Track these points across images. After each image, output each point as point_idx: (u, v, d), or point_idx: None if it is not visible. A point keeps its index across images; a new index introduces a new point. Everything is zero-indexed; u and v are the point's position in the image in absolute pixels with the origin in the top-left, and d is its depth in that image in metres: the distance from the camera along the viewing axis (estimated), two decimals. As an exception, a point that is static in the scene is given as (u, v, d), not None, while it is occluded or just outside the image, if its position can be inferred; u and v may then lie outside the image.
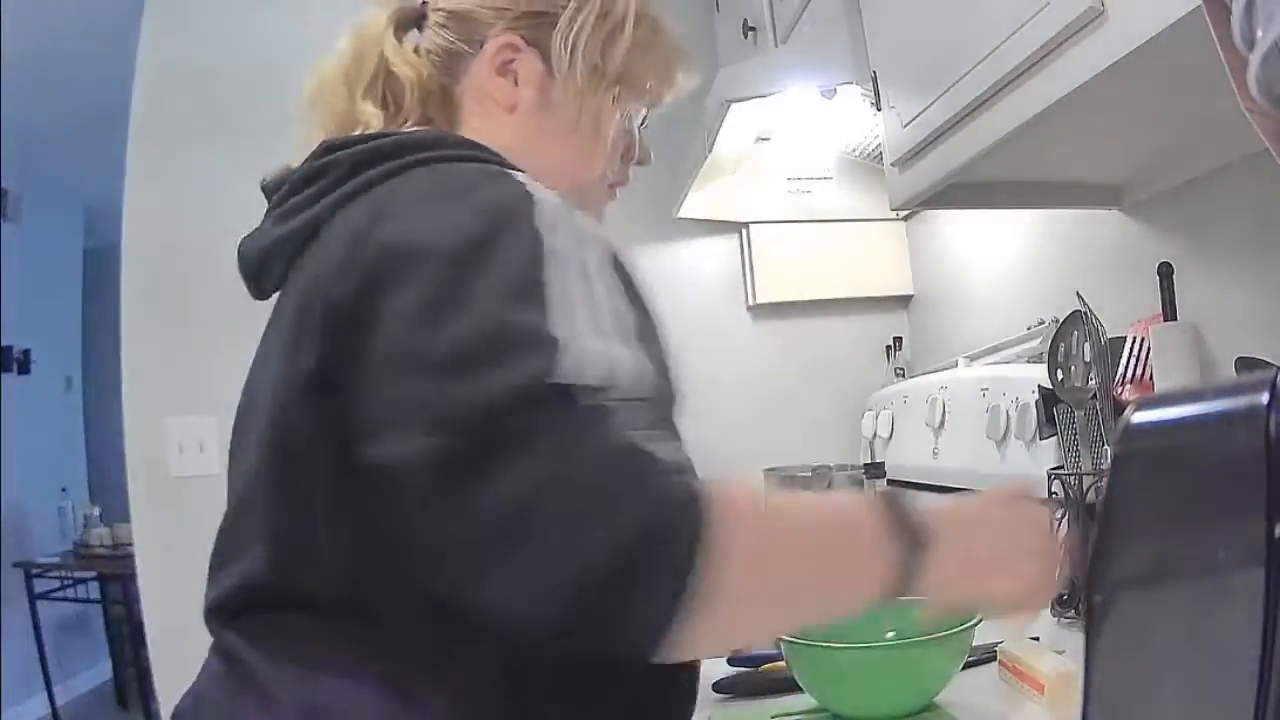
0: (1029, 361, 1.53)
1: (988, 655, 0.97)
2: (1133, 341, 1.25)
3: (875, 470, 1.76)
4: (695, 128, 1.79)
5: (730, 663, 1.08)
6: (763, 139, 1.99)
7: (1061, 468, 1.17)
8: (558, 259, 0.63)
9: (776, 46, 1.82)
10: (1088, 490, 1.10)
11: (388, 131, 0.76)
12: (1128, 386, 1.23)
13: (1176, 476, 0.42)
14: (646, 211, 2.21)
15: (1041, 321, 1.56)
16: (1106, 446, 1.11)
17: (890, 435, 1.92)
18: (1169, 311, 1.22)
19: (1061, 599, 1.13)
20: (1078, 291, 1.20)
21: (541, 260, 0.62)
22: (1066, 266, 1.55)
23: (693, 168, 1.90)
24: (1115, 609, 0.44)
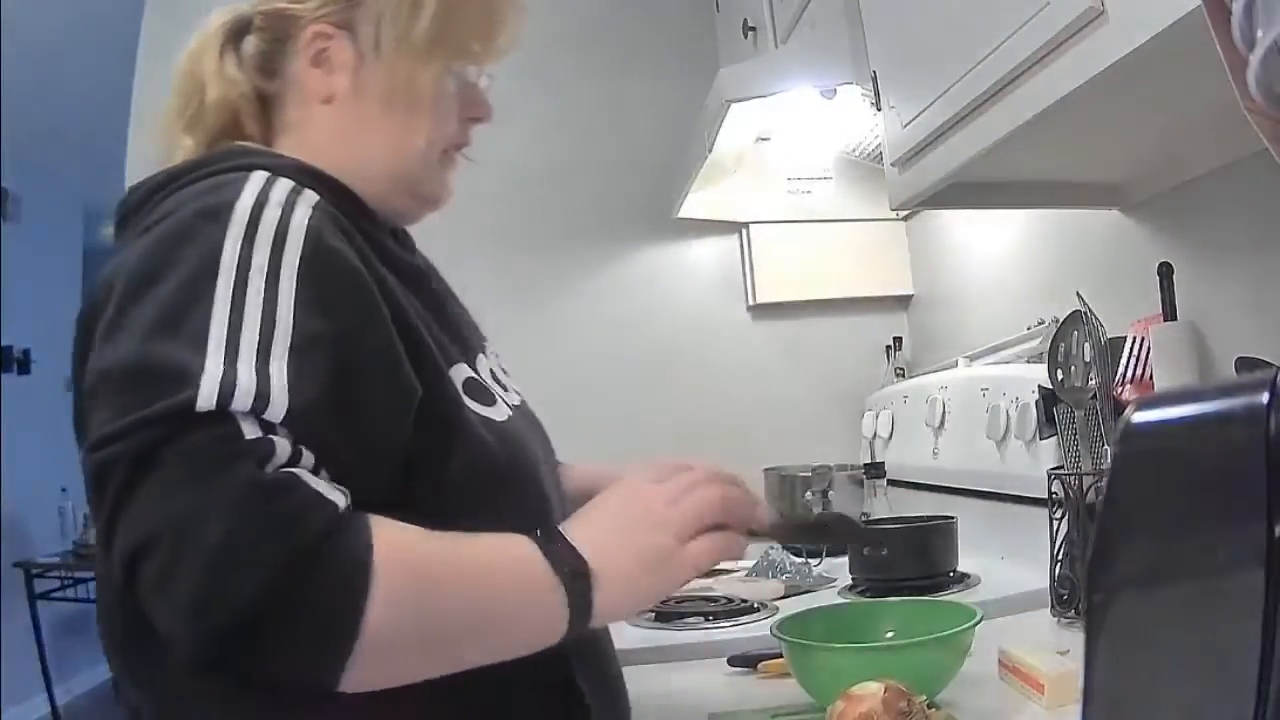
0: (1029, 361, 1.53)
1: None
2: (1133, 341, 1.25)
3: (875, 470, 1.76)
4: (695, 128, 1.79)
5: (730, 662, 1.08)
6: (763, 139, 1.99)
7: (1061, 468, 1.17)
8: (229, 274, 0.62)
9: (776, 46, 1.82)
10: (1088, 490, 1.10)
11: (170, 168, 0.77)
12: (1128, 386, 1.23)
13: (1176, 476, 0.42)
14: (646, 211, 2.21)
15: (1041, 321, 1.56)
16: (1106, 446, 1.11)
17: (890, 435, 1.92)
18: (1169, 311, 1.22)
19: (1061, 599, 1.13)
20: (1078, 291, 1.20)
21: (205, 280, 0.62)
22: (1066, 266, 1.55)
23: (693, 168, 1.90)
24: (1115, 609, 0.44)
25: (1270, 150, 0.48)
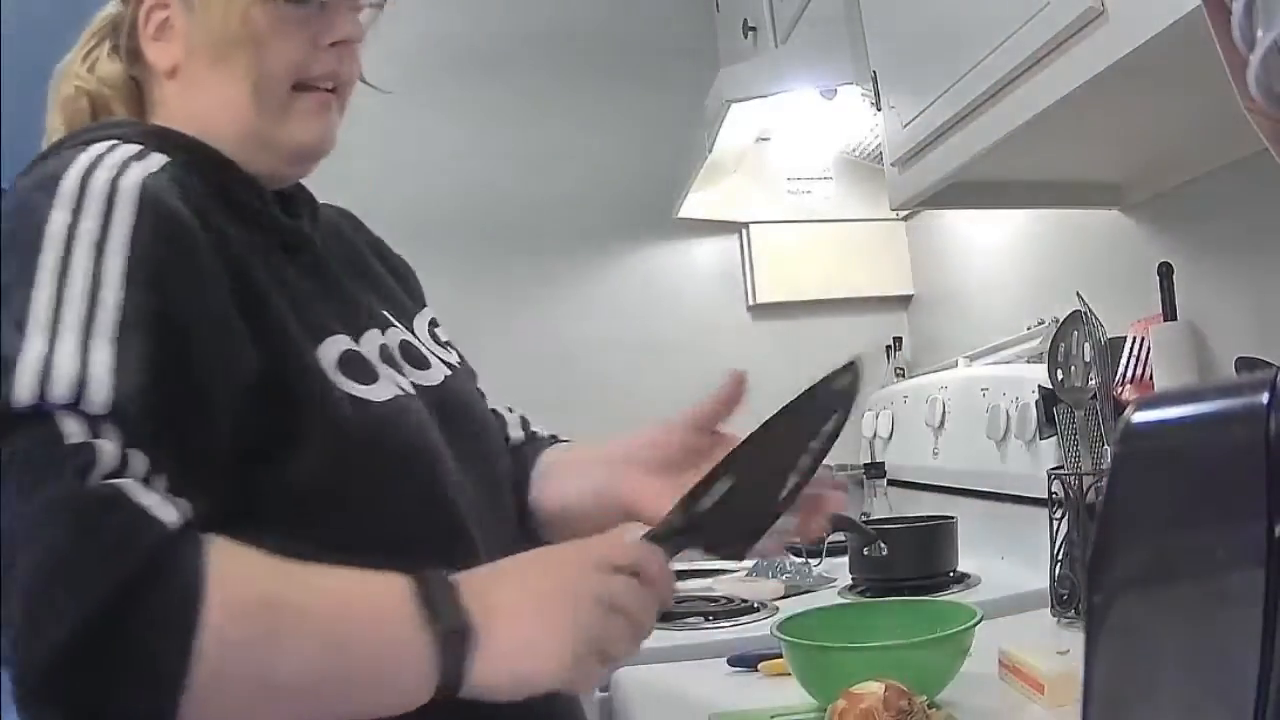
0: (1029, 361, 1.53)
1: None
2: (1133, 341, 1.25)
3: (875, 470, 1.76)
4: (695, 128, 1.79)
5: (730, 662, 1.08)
6: (763, 139, 1.99)
7: (1061, 468, 1.17)
8: (55, 246, 0.58)
9: (776, 46, 1.82)
10: (1088, 490, 1.10)
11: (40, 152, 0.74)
12: (1128, 386, 1.23)
13: (1176, 476, 0.42)
14: (646, 211, 2.21)
15: (1041, 321, 1.56)
16: (1106, 446, 1.11)
17: (890, 435, 1.92)
18: (1169, 311, 1.22)
19: (1061, 599, 1.13)
20: (1078, 291, 1.20)
21: (29, 254, 0.58)
22: (1066, 266, 1.55)
23: (693, 168, 1.90)
24: (1115, 609, 0.44)
25: (1270, 150, 0.48)
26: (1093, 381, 1.14)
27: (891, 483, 1.79)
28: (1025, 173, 1.31)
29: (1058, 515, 1.14)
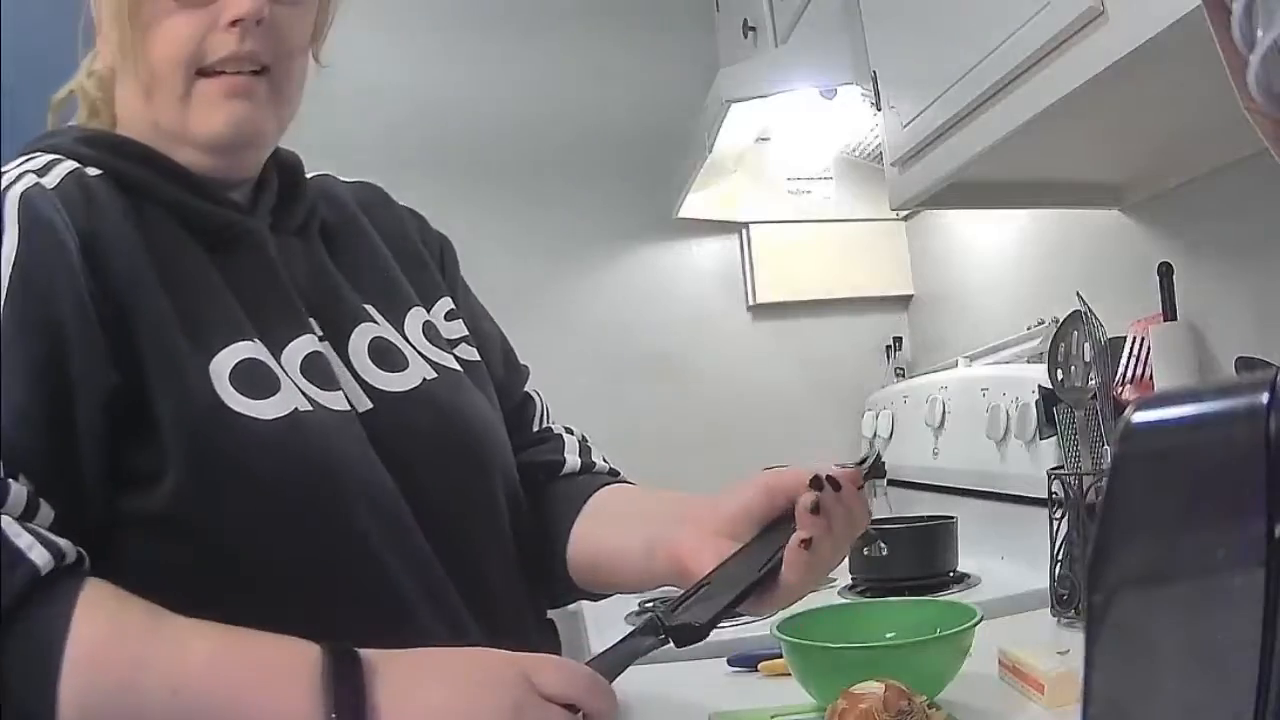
0: (1029, 361, 1.53)
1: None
2: (1133, 341, 1.25)
3: (875, 470, 1.76)
4: (695, 128, 1.79)
5: (730, 662, 1.08)
6: (763, 139, 1.99)
7: (1061, 468, 1.17)
8: None
9: (776, 46, 1.82)
10: (1088, 490, 1.10)
11: None
12: (1128, 386, 1.23)
13: (1176, 476, 0.42)
14: (646, 211, 2.21)
15: (1041, 321, 1.56)
16: (1106, 446, 1.11)
17: (890, 435, 1.92)
18: (1169, 311, 1.22)
19: (1061, 599, 1.13)
20: (1078, 291, 1.20)
21: None
22: (1066, 266, 1.55)
23: (693, 168, 1.90)
24: (1115, 609, 0.44)
25: (1270, 150, 0.48)
26: (1093, 381, 1.14)
27: (891, 483, 1.79)
28: (1025, 173, 1.31)
29: (1058, 515, 1.14)
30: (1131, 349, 1.25)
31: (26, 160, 0.68)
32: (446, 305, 0.86)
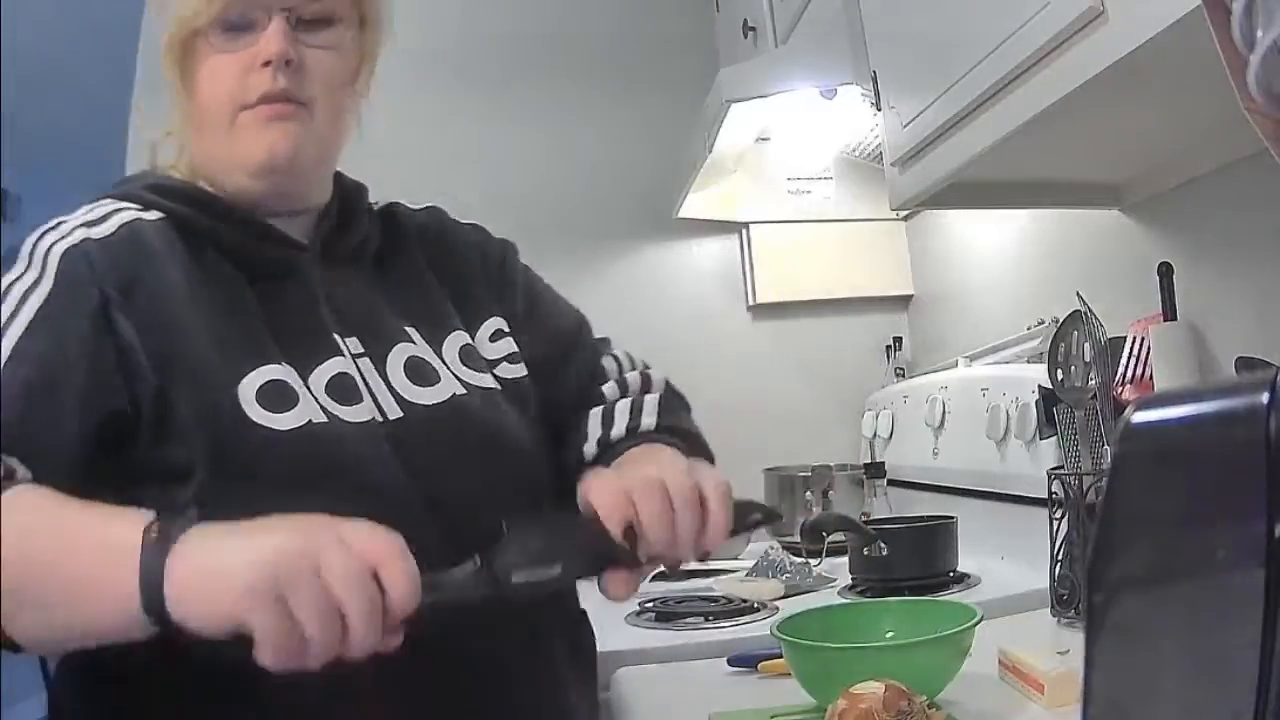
0: (1029, 361, 1.53)
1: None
2: (1133, 341, 1.25)
3: (875, 470, 1.76)
4: (695, 128, 1.79)
5: (730, 662, 1.08)
6: (763, 139, 1.99)
7: (1061, 468, 1.17)
8: None
9: (776, 46, 1.82)
10: (1088, 490, 1.10)
11: None
12: (1128, 386, 1.23)
13: (1176, 476, 0.43)
14: (646, 211, 2.21)
15: (1041, 321, 1.56)
16: (1106, 446, 1.11)
17: (890, 435, 1.92)
18: (1169, 311, 1.22)
19: (1061, 599, 1.13)
20: (1078, 291, 1.20)
21: None
22: (1066, 266, 1.55)
23: (692, 168, 1.90)
24: (1115, 609, 0.44)
25: (1270, 150, 0.48)
26: (1093, 381, 1.14)
27: (891, 483, 1.79)
28: (1025, 173, 1.31)
29: (1058, 515, 1.14)
30: (1131, 349, 1.25)
31: (91, 210, 0.81)
32: (493, 326, 0.93)
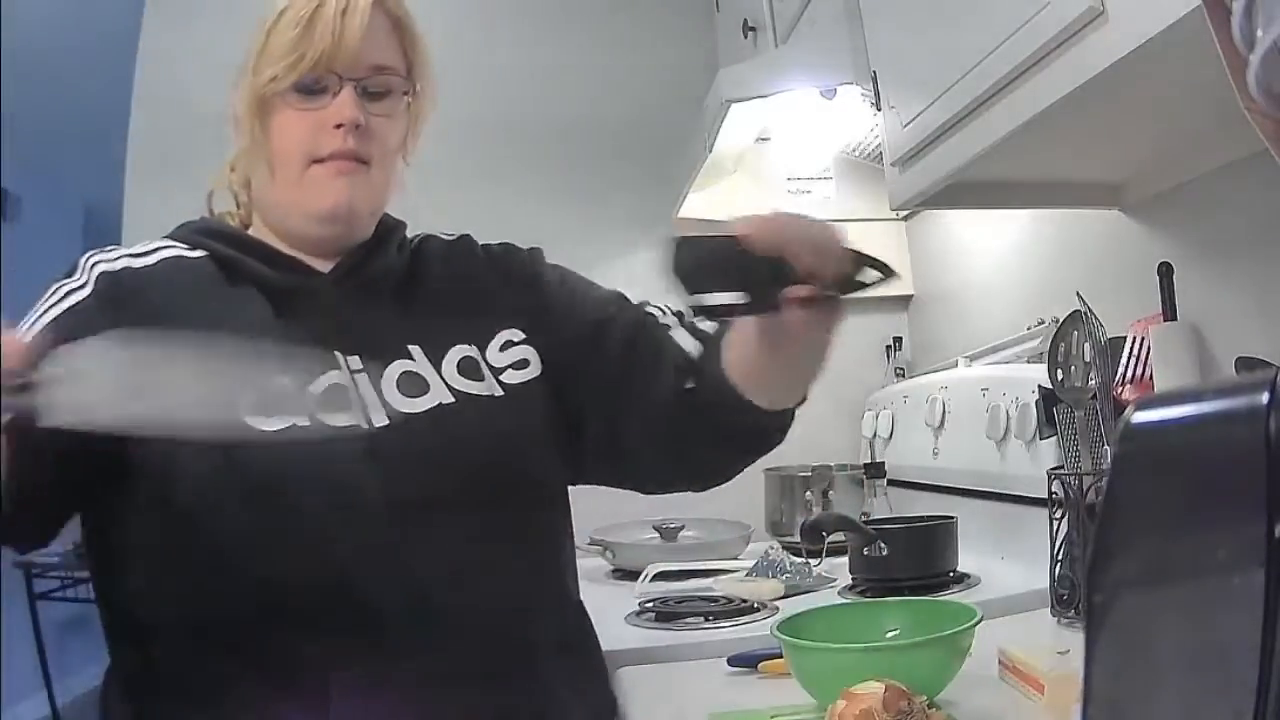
0: (1029, 361, 1.53)
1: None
2: (1133, 341, 1.25)
3: (875, 470, 1.76)
4: (695, 128, 1.79)
5: (730, 662, 1.08)
6: (763, 139, 1.99)
7: (1061, 468, 1.17)
8: (41, 298, 0.89)
9: (776, 46, 1.82)
10: (1088, 490, 1.10)
11: None
12: (1128, 386, 1.23)
13: (1176, 476, 0.42)
14: (647, 211, 2.21)
15: (1041, 321, 1.56)
16: (1106, 446, 1.11)
17: (890, 435, 1.92)
18: (1169, 311, 1.22)
19: (1061, 599, 1.13)
20: (1078, 291, 1.20)
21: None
22: (1066, 266, 1.55)
23: (693, 168, 1.90)
24: (1115, 609, 0.44)
25: (1270, 150, 0.48)
26: (1093, 381, 1.14)
27: (891, 483, 1.79)
28: (1025, 173, 1.31)
29: (1058, 515, 1.14)
30: (1131, 349, 1.25)
31: (143, 245, 0.95)
32: (505, 337, 1.00)
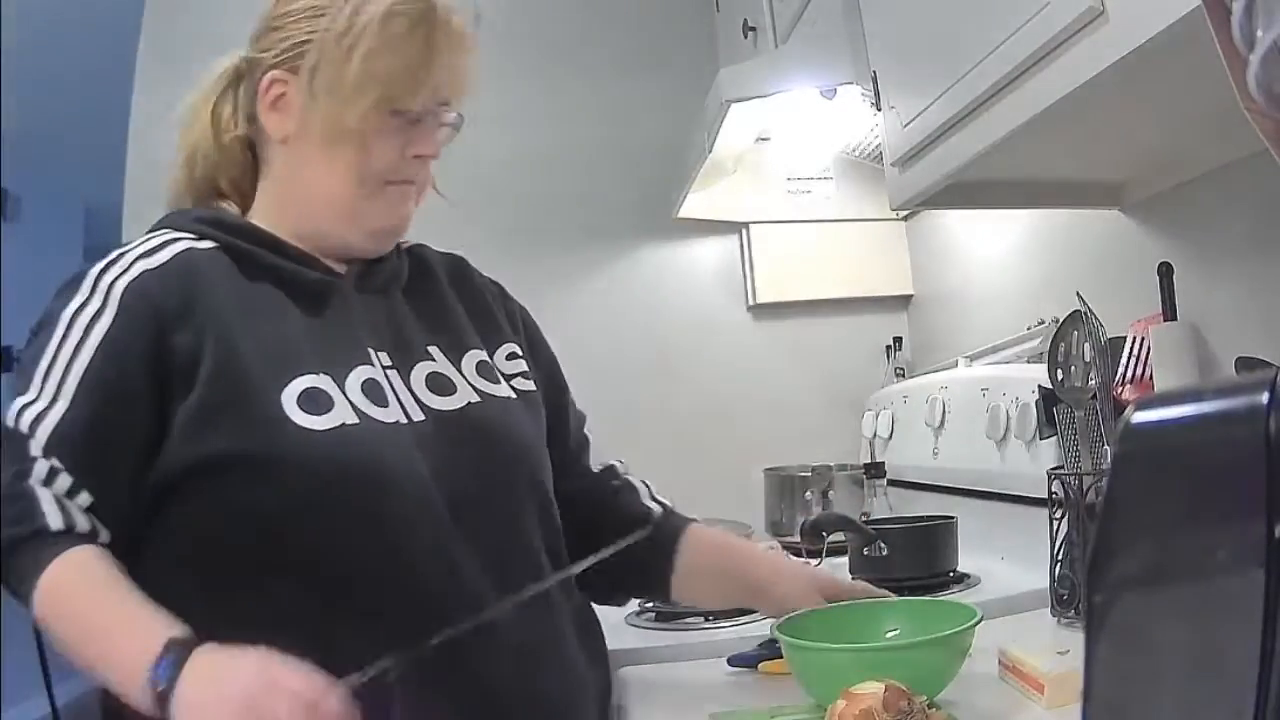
0: (1029, 361, 1.53)
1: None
2: (1133, 341, 1.25)
3: (875, 470, 1.76)
4: (695, 128, 1.79)
5: (730, 662, 1.08)
6: (763, 139, 1.99)
7: (1061, 468, 1.17)
8: (53, 328, 0.84)
9: (776, 46, 1.82)
10: (1088, 490, 1.10)
11: None
12: (1128, 386, 1.23)
13: (1176, 476, 0.42)
14: (646, 211, 2.21)
15: (1041, 321, 1.56)
16: (1106, 446, 1.11)
17: (890, 435, 1.92)
18: (1169, 311, 1.22)
19: (1061, 599, 1.13)
20: (1078, 291, 1.20)
21: (43, 333, 0.84)
22: (1066, 266, 1.55)
23: (693, 168, 1.90)
24: (1115, 609, 0.44)
25: (1270, 150, 0.48)
26: (1093, 381, 1.14)
27: (891, 483, 1.79)
28: (1025, 173, 1.31)
29: (1058, 515, 1.14)
30: (1131, 349, 1.25)
31: (147, 240, 0.91)
32: (509, 349, 1.04)
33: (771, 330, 2.27)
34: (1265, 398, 0.38)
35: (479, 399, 0.95)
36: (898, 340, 2.22)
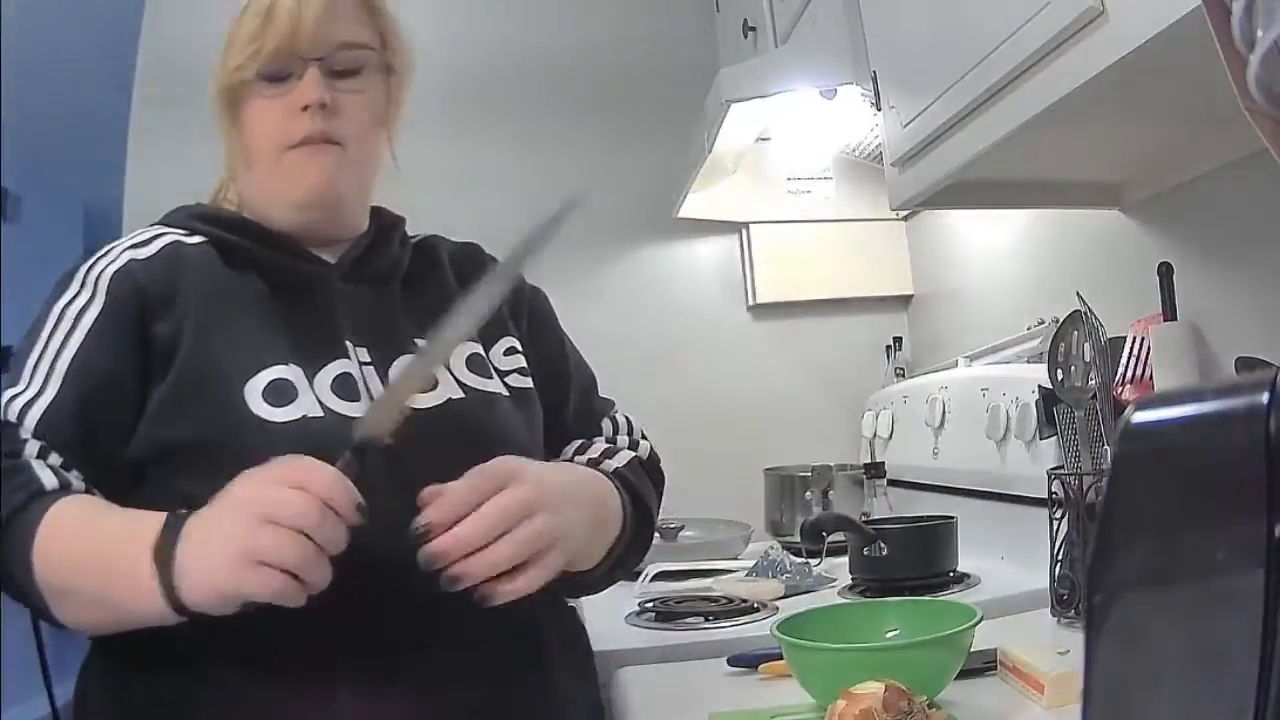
0: (1029, 361, 1.53)
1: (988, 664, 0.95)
2: (1133, 341, 1.25)
3: (875, 470, 1.76)
4: (695, 128, 1.79)
5: (730, 662, 1.08)
6: (763, 139, 1.99)
7: (1061, 468, 1.17)
8: (44, 323, 0.86)
9: (776, 46, 1.82)
10: (1088, 490, 1.10)
11: None
12: (1128, 386, 1.23)
13: (1176, 476, 0.42)
14: (646, 211, 2.21)
15: (1041, 321, 1.56)
16: (1106, 446, 1.11)
17: (890, 435, 1.92)
18: (1169, 311, 1.22)
19: (1061, 599, 1.13)
20: (1078, 291, 1.20)
21: (35, 329, 0.86)
22: (1066, 266, 1.55)
23: (693, 168, 1.90)
24: (1115, 609, 0.44)
25: (1270, 150, 0.48)
26: (1093, 381, 1.14)
27: (891, 483, 1.79)
28: (1025, 173, 1.31)
29: (1058, 515, 1.14)
30: (1131, 349, 1.25)
31: (139, 234, 0.94)
32: (508, 344, 1.03)
33: (771, 330, 2.27)
34: (1265, 398, 0.38)
35: (462, 394, 0.93)
36: (898, 340, 2.22)
